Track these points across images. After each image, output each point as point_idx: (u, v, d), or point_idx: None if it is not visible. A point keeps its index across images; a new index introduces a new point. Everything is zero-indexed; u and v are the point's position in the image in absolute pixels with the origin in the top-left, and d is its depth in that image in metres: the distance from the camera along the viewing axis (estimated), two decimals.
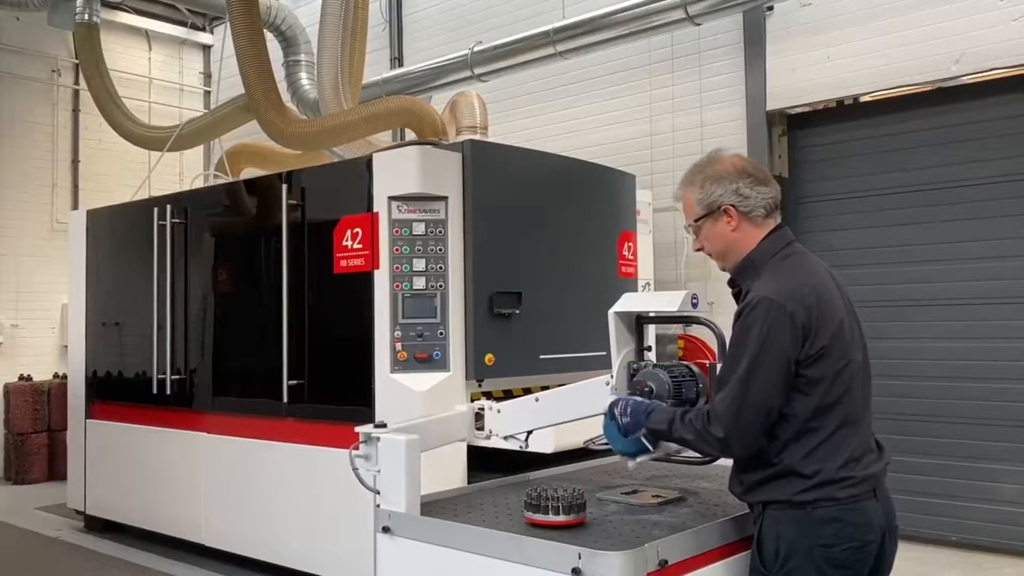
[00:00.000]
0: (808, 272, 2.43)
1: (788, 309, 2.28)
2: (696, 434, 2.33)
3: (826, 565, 2.27)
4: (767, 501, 2.35)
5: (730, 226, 2.49)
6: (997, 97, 6.13)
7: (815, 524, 2.28)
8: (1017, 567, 5.78)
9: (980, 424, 6.15)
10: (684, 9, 6.58)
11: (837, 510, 2.28)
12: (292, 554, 5.17)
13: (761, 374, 2.26)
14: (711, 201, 2.49)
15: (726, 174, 2.49)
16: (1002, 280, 6.10)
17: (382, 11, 9.73)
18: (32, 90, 10.28)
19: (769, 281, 2.37)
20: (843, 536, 2.27)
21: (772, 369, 2.26)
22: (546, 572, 2.26)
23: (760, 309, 2.29)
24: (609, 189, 5.61)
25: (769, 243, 2.48)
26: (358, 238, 4.85)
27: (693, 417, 2.36)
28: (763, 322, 2.27)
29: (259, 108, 6.87)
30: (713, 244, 2.55)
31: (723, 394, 2.31)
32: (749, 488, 2.39)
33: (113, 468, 6.56)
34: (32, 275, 9.98)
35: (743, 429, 2.27)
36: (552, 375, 4.79)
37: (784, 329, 2.27)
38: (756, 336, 2.27)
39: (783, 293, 2.31)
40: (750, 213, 2.47)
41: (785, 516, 2.31)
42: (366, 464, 2.77)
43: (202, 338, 5.98)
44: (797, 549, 2.28)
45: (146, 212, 6.33)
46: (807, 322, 2.29)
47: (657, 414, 2.45)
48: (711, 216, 2.50)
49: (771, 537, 2.33)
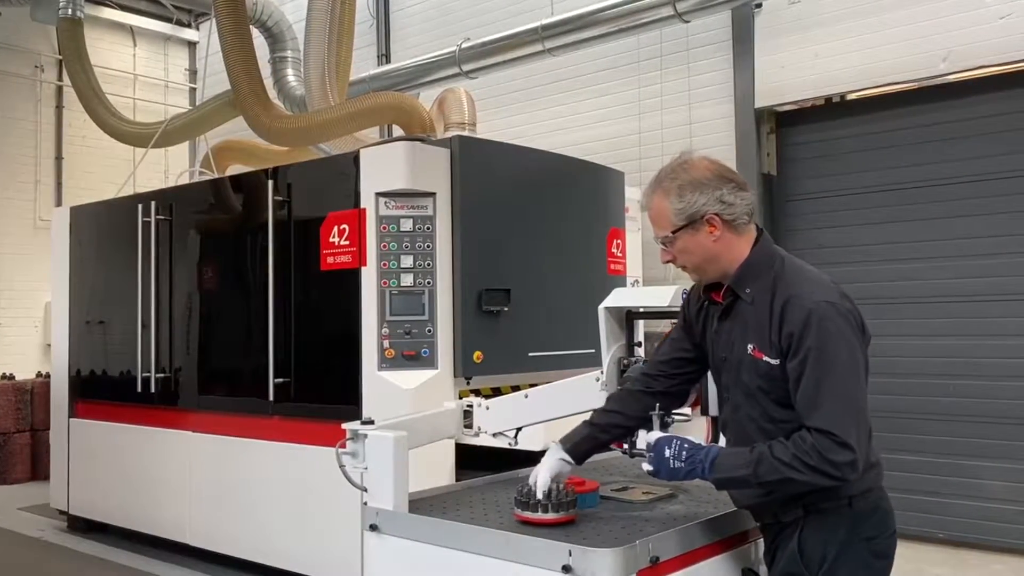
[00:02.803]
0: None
1: (848, 308, 2.21)
2: (811, 470, 2.09)
3: (872, 557, 2.25)
4: (808, 504, 2.24)
5: (712, 236, 2.29)
6: (984, 95, 6.15)
7: (860, 518, 2.24)
8: (1005, 563, 5.80)
9: (967, 421, 6.17)
10: (673, 6, 6.58)
11: (874, 498, 2.26)
12: (278, 553, 5.13)
13: (857, 381, 2.17)
14: (693, 211, 2.27)
15: (706, 180, 2.29)
16: (989, 277, 6.12)
17: (369, 8, 9.68)
18: (15, 86, 10.17)
19: (808, 285, 2.24)
20: (883, 525, 2.26)
21: (860, 372, 2.19)
22: (537, 570, 2.24)
23: (830, 317, 2.16)
24: (598, 186, 5.59)
25: (764, 247, 2.36)
26: (345, 235, 4.81)
27: (799, 453, 2.10)
28: (839, 329, 2.16)
29: (245, 104, 6.82)
30: (691, 256, 2.34)
31: (830, 416, 2.09)
32: (792, 496, 2.23)
33: (97, 468, 6.49)
34: (15, 273, 9.89)
35: (864, 443, 2.12)
36: (541, 372, 4.77)
37: (855, 330, 2.20)
38: (839, 345, 2.15)
39: (833, 295, 2.21)
40: (734, 221, 2.29)
41: (831, 518, 2.24)
42: (353, 461, 2.73)
43: (187, 336, 5.92)
44: (846, 547, 2.23)
45: (130, 209, 6.27)
46: (861, 319, 2.25)
47: (725, 460, 2.21)
48: (691, 227, 2.29)
49: (817, 541, 2.24)
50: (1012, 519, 5.96)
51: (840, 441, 2.08)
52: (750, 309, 2.31)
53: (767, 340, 2.24)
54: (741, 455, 2.19)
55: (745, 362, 2.30)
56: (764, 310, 2.26)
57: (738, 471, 2.18)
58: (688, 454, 2.22)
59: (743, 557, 2.57)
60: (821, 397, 2.12)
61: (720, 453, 2.22)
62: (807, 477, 2.11)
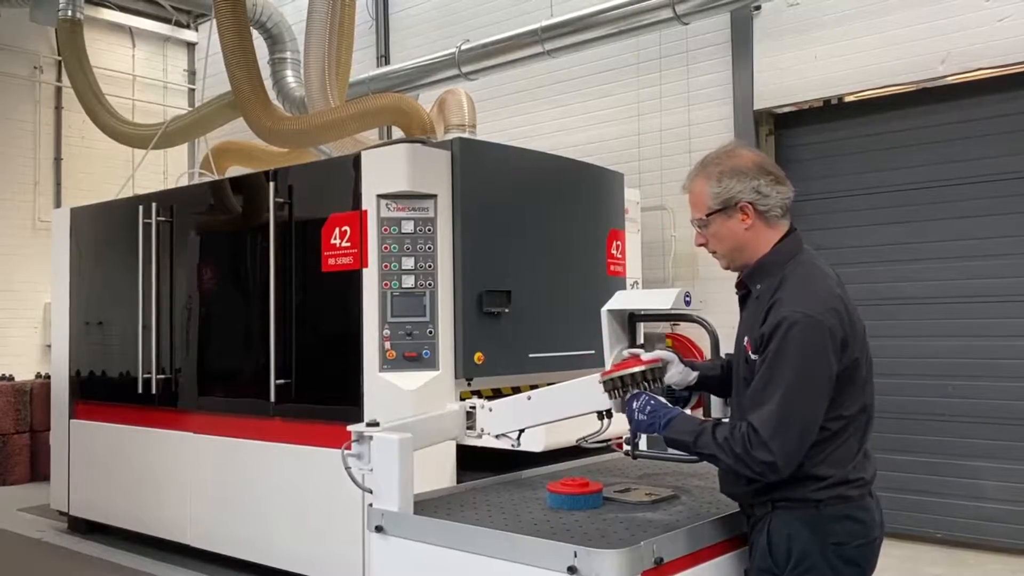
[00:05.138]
0: (830, 279, 2.37)
1: (827, 324, 2.22)
2: (735, 457, 2.22)
3: (840, 563, 2.27)
4: (777, 500, 2.31)
5: (744, 224, 2.38)
6: (982, 97, 6.18)
7: (827, 522, 2.26)
8: (1001, 563, 5.82)
9: (965, 421, 6.20)
10: (672, 8, 6.59)
11: (847, 508, 2.28)
12: (280, 554, 5.13)
13: (805, 394, 2.20)
14: (728, 196, 2.37)
15: (746, 169, 2.38)
16: (988, 278, 6.14)
17: (369, 9, 9.69)
18: (14, 87, 10.17)
19: (799, 292, 2.29)
20: (854, 533, 2.27)
21: (815, 389, 2.21)
22: (542, 571, 2.25)
23: (800, 327, 2.20)
24: (597, 188, 5.60)
25: (785, 246, 2.40)
26: (346, 236, 4.82)
27: (730, 438, 2.24)
28: (804, 341, 2.19)
29: (245, 105, 6.82)
30: (723, 242, 2.44)
31: (765, 416, 2.20)
32: (760, 489, 2.33)
33: (97, 468, 6.49)
34: (14, 274, 9.89)
35: (791, 451, 2.19)
36: (541, 374, 4.78)
37: (825, 346, 2.21)
38: (798, 355, 2.19)
39: (818, 307, 2.23)
40: (767, 213, 2.38)
41: (797, 516, 2.29)
42: (358, 463, 2.74)
43: (187, 337, 5.93)
44: (811, 549, 2.27)
45: (131, 210, 6.27)
46: (844, 335, 2.25)
47: (679, 424, 2.35)
48: (724, 212, 2.39)
49: (782, 537, 2.30)
50: (1010, 519, 5.99)
51: (762, 442, 2.19)
52: (755, 304, 2.40)
53: (755, 336, 2.33)
54: (693, 423, 2.35)
55: (741, 353, 2.42)
56: (762, 307, 2.34)
57: (684, 436, 2.33)
58: (651, 409, 2.41)
59: (746, 558, 2.59)
60: (764, 398, 2.22)
61: (678, 416, 2.38)
62: (730, 462, 2.25)
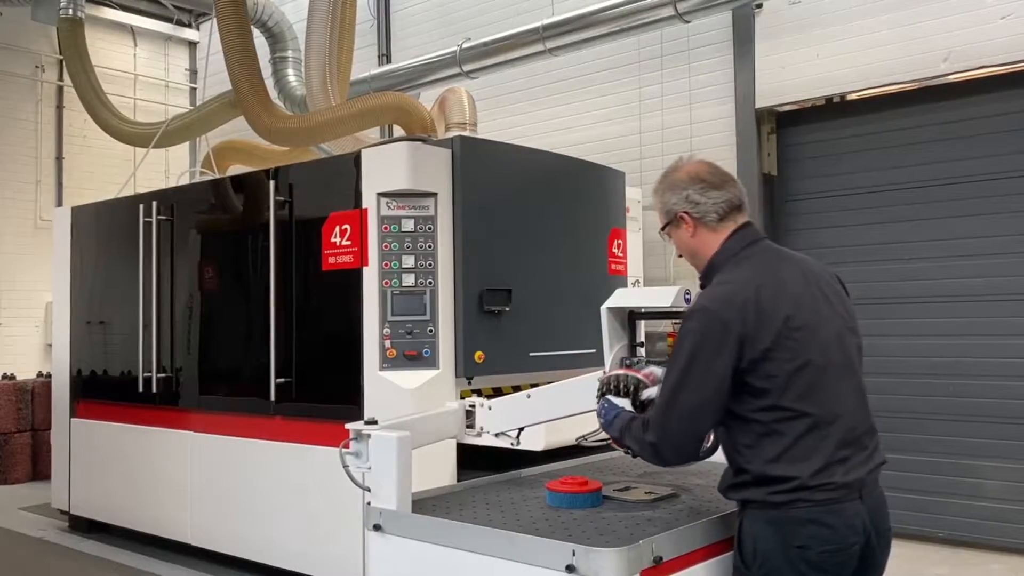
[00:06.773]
0: (759, 271, 2.37)
1: (722, 316, 2.25)
2: (638, 443, 2.39)
3: (804, 566, 2.24)
4: (745, 500, 2.34)
5: (688, 232, 2.52)
6: (985, 95, 6.16)
7: (791, 525, 2.24)
8: (1004, 563, 5.80)
9: (966, 421, 6.18)
10: (673, 6, 6.59)
11: (814, 511, 2.24)
12: (280, 553, 5.13)
13: (691, 384, 2.26)
14: (668, 209, 2.55)
15: (679, 182, 2.52)
16: (989, 277, 6.12)
17: (370, 8, 9.68)
18: (15, 86, 10.17)
19: (712, 288, 2.40)
20: (819, 539, 2.23)
21: (701, 379, 2.25)
22: (541, 569, 2.24)
23: (694, 319, 2.31)
24: (598, 186, 5.59)
25: (729, 245, 2.47)
26: (346, 235, 4.81)
27: (638, 425, 2.40)
28: (695, 332, 2.28)
29: (246, 104, 6.83)
30: (681, 251, 2.61)
31: (657, 402, 2.38)
32: (730, 487, 2.39)
33: (98, 467, 6.49)
34: (15, 273, 9.89)
35: (672, 437, 2.31)
36: (542, 372, 4.77)
37: (716, 338, 2.25)
38: (688, 347, 2.28)
39: (719, 299, 2.31)
40: (704, 218, 2.49)
41: (762, 516, 2.29)
42: (356, 461, 2.73)
43: (188, 336, 5.93)
44: (774, 550, 2.26)
45: (132, 209, 6.27)
46: (744, 327, 2.24)
47: (616, 422, 2.49)
48: (673, 224, 2.55)
49: (749, 536, 2.32)
50: (1011, 519, 5.97)
51: (650, 425, 2.35)
52: None
53: None
54: (625, 420, 2.48)
55: None
56: None
57: (614, 431, 2.50)
58: (605, 412, 2.56)
59: None
60: (663, 385, 2.38)
61: (619, 416, 2.51)
62: (636, 448, 2.42)
